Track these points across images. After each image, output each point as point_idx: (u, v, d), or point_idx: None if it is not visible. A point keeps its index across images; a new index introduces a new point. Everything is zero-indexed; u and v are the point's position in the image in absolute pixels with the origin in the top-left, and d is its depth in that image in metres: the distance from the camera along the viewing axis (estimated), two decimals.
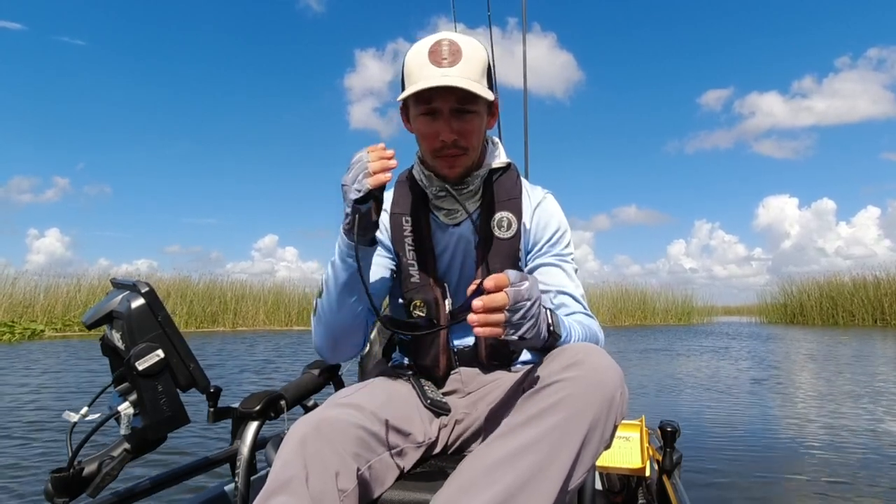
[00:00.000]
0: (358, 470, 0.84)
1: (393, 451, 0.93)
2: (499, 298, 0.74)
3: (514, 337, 0.78)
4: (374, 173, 0.85)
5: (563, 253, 1.11)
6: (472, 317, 0.74)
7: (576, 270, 1.11)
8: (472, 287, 0.78)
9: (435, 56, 0.99)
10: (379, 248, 1.14)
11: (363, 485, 0.85)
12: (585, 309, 1.08)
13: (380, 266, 1.13)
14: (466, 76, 0.98)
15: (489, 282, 0.74)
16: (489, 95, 1.00)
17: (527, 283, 0.78)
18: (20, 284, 14.41)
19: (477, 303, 0.74)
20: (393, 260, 1.15)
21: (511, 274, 0.77)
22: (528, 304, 0.78)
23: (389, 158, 0.86)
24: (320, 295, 1.03)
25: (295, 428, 0.85)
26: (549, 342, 0.88)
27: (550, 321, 0.88)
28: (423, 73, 0.99)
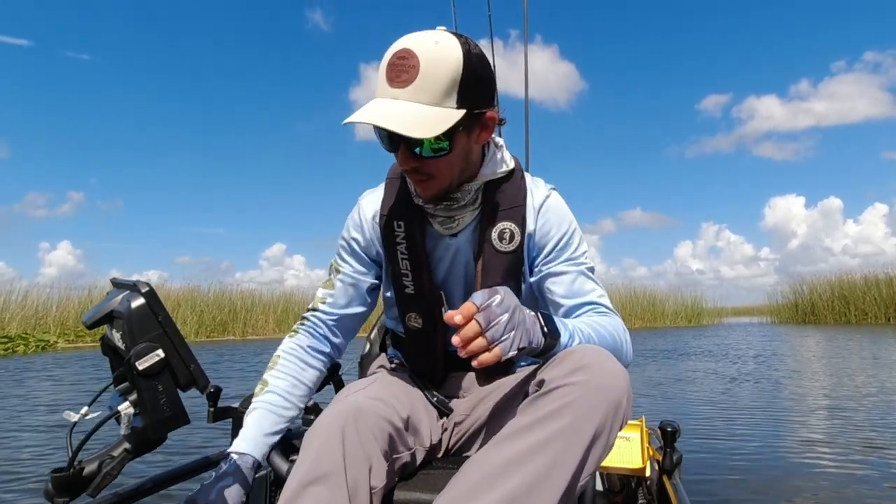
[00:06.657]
0: (386, 468, 0.84)
1: (408, 453, 0.93)
2: (470, 329, 0.74)
3: (513, 352, 0.76)
4: None
5: (575, 256, 1.02)
6: (461, 352, 0.75)
7: (592, 270, 1.03)
8: (448, 317, 0.76)
9: (392, 70, 0.85)
10: (356, 264, 1.11)
11: (387, 483, 0.85)
12: (607, 308, 1.01)
13: (356, 287, 1.10)
14: (419, 99, 0.84)
15: (457, 318, 0.74)
16: (430, 132, 0.83)
17: (498, 297, 0.76)
18: (32, 297, 14.56)
19: (455, 340, 0.74)
20: (373, 276, 1.12)
21: (476, 297, 0.76)
22: (505, 317, 0.75)
23: None
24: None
25: (332, 415, 0.84)
26: (547, 344, 0.82)
27: (542, 323, 0.82)
28: (378, 92, 0.88)
